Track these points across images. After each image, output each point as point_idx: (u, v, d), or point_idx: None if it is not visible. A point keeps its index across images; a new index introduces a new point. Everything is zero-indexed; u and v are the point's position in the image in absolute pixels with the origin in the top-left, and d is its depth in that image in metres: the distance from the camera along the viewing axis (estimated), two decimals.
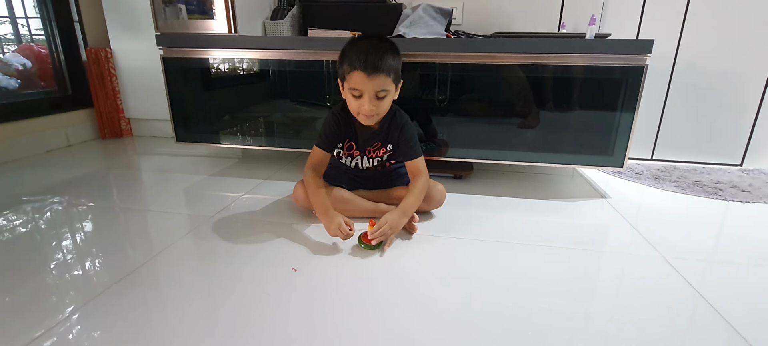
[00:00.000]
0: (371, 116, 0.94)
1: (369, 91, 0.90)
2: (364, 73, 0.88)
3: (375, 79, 0.89)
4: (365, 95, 0.91)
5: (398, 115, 1.03)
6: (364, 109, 0.92)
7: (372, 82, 0.89)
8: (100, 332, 0.64)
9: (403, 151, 1.05)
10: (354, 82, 0.90)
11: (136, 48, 1.86)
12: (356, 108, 0.94)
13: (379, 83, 0.89)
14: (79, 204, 1.16)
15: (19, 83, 1.73)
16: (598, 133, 1.20)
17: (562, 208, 1.18)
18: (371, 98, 0.91)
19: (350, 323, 0.66)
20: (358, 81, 0.89)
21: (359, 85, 0.90)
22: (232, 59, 1.36)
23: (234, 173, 1.46)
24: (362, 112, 0.93)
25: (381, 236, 0.87)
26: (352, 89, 0.92)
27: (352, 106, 0.96)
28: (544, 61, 1.16)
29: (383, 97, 0.93)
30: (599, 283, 0.81)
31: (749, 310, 0.72)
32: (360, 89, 0.90)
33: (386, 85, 0.91)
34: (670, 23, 1.52)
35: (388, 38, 0.96)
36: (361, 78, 0.88)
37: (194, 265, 0.85)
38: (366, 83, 0.89)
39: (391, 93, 0.95)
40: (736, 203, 1.24)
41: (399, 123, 1.03)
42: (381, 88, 0.90)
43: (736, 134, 1.59)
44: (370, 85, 0.89)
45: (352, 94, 0.93)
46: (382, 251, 0.89)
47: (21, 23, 1.81)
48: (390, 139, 1.06)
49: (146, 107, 1.97)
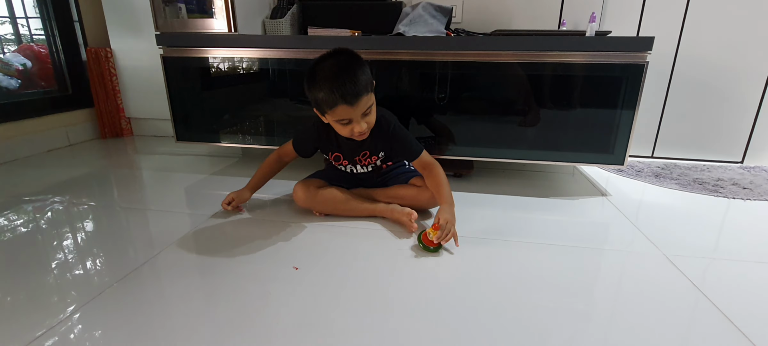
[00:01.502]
0: (365, 132, 0.93)
1: (356, 116, 0.88)
2: (348, 105, 0.85)
3: (358, 105, 0.87)
4: (353, 120, 0.89)
5: (384, 124, 0.99)
6: (358, 130, 0.90)
7: (356, 108, 0.87)
8: (102, 332, 0.64)
9: (403, 154, 1.05)
10: (339, 115, 0.88)
11: (136, 47, 1.86)
12: (348, 133, 0.92)
13: (362, 105, 0.88)
14: (80, 203, 1.16)
15: (19, 83, 1.73)
16: (598, 131, 1.20)
17: (562, 206, 1.18)
18: (359, 120, 0.89)
19: (350, 321, 0.66)
20: (343, 113, 0.87)
21: (345, 115, 0.88)
22: (231, 58, 1.36)
23: (234, 172, 1.46)
24: (356, 134, 0.92)
25: (446, 235, 0.86)
26: (339, 121, 0.90)
27: (344, 132, 0.94)
28: (545, 59, 1.16)
29: (369, 113, 0.91)
30: (600, 280, 0.81)
31: (750, 307, 0.72)
32: (347, 118, 0.89)
33: (369, 102, 0.89)
34: (671, 20, 1.52)
35: (348, 50, 0.91)
36: (346, 109, 0.86)
37: (195, 264, 0.85)
38: (351, 112, 0.87)
39: (374, 105, 0.93)
40: (736, 201, 1.24)
41: (387, 131, 1.00)
42: (366, 106, 0.89)
43: (736, 132, 1.59)
44: (356, 112, 0.87)
45: (340, 123, 0.91)
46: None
47: (21, 23, 1.81)
48: (379, 147, 1.04)
49: (146, 107, 1.97)
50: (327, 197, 1.05)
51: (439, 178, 1.00)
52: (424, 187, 1.04)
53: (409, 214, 0.98)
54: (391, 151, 1.05)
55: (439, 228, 0.87)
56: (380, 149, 1.05)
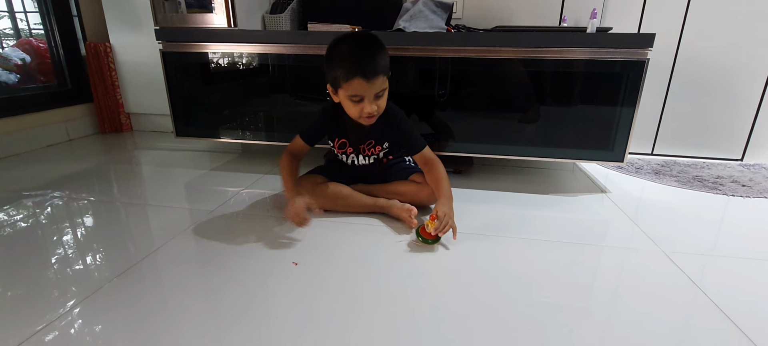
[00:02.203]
0: (374, 116, 0.95)
1: (369, 94, 0.91)
2: (365, 79, 0.88)
3: (374, 83, 0.89)
4: (366, 99, 0.91)
5: (391, 114, 1.02)
6: (367, 111, 0.92)
7: (372, 85, 0.89)
8: (102, 326, 0.64)
9: (406, 147, 1.06)
10: (354, 89, 0.90)
11: (136, 42, 1.85)
12: (357, 113, 0.94)
13: (378, 85, 0.90)
14: (79, 199, 1.16)
15: (18, 78, 1.73)
16: (598, 128, 1.19)
17: (562, 202, 1.18)
18: (372, 101, 0.92)
19: (350, 317, 0.66)
20: (358, 87, 0.89)
21: (360, 90, 0.90)
22: (231, 53, 1.35)
23: (234, 168, 1.46)
24: (365, 115, 0.93)
25: (444, 227, 0.87)
26: (352, 96, 0.92)
27: (353, 112, 0.95)
28: (545, 56, 1.15)
29: (382, 96, 0.94)
30: (599, 277, 0.81)
31: (749, 305, 0.72)
32: (361, 94, 0.91)
33: (384, 85, 0.93)
34: (672, 17, 1.51)
35: (372, 34, 0.96)
36: (361, 84, 0.89)
37: (195, 259, 0.85)
38: (366, 88, 0.89)
39: (386, 89, 0.95)
40: (736, 198, 1.24)
41: (394, 122, 1.02)
42: (380, 88, 0.92)
43: (736, 129, 1.59)
44: (371, 89, 0.90)
45: (351, 101, 0.93)
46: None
47: (20, 18, 1.80)
48: (384, 137, 1.06)
49: (146, 102, 1.96)
50: (327, 193, 1.05)
51: (439, 174, 1.00)
52: (424, 183, 1.04)
53: (408, 210, 0.99)
54: (395, 142, 1.06)
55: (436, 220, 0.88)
56: (385, 139, 1.06)
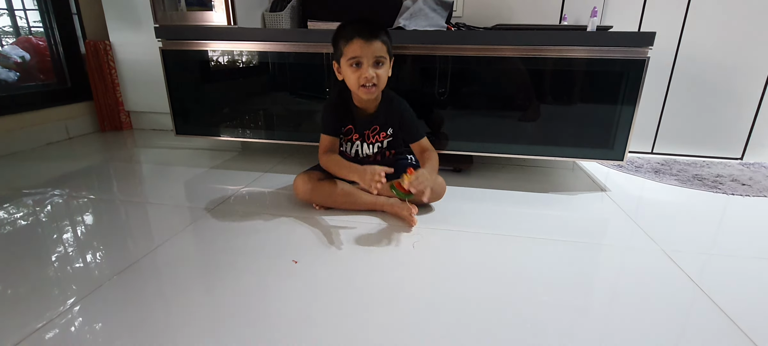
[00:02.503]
0: (371, 88, 0.96)
1: (368, 56, 0.94)
2: (362, 39, 0.92)
3: (373, 45, 0.93)
4: (365, 62, 0.94)
5: (396, 101, 1.07)
6: (366, 75, 0.94)
7: (370, 47, 0.93)
8: (102, 324, 0.64)
9: (407, 133, 1.08)
10: (353, 51, 0.93)
11: (135, 40, 1.85)
12: (356, 80, 0.96)
13: (377, 48, 0.94)
14: (79, 197, 1.16)
15: (18, 76, 1.73)
16: (598, 127, 1.19)
17: (561, 201, 1.18)
18: (371, 64, 0.94)
19: (350, 315, 0.67)
20: (357, 48, 0.93)
21: (358, 51, 0.93)
22: (231, 52, 1.35)
23: (234, 166, 1.46)
24: (363, 80, 0.95)
25: (419, 184, 0.89)
26: (351, 59, 0.94)
27: (352, 80, 0.97)
28: (545, 54, 1.15)
29: (381, 65, 0.97)
30: (598, 276, 0.81)
31: (748, 303, 0.72)
32: (359, 56, 0.94)
33: (383, 52, 0.96)
34: (673, 16, 1.51)
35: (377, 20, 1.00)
36: (360, 45, 0.93)
37: (194, 257, 0.85)
38: (365, 48, 0.93)
39: (387, 63, 0.98)
40: (736, 197, 1.24)
41: (398, 108, 1.06)
42: (379, 54, 0.95)
43: (736, 128, 1.59)
44: (369, 51, 0.93)
45: (351, 66, 0.95)
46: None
47: (19, 15, 1.80)
48: (389, 123, 1.08)
49: (146, 100, 1.96)
50: (327, 190, 1.05)
51: (433, 160, 1.05)
52: None
53: (409, 208, 0.99)
54: (399, 128, 1.09)
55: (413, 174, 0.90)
56: (389, 125, 1.09)
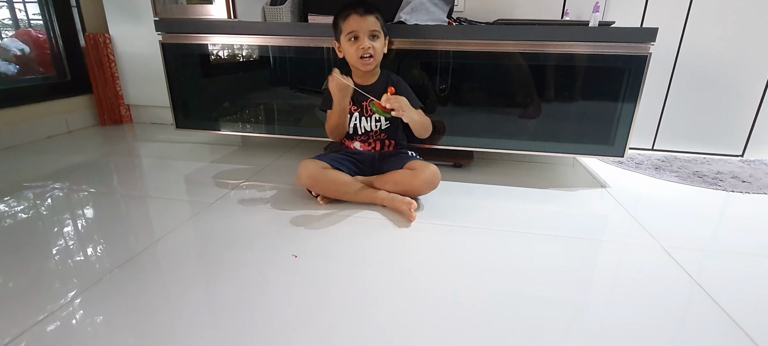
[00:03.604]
0: (368, 59, 1.06)
1: (364, 29, 1.04)
2: (358, 15, 1.04)
3: (367, 19, 1.04)
4: (361, 35, 1.05)
5: (394, 77, 1.16)
6: (363, 46, 1.04)
7: (365, 20, 1.04)
8: (102, 317, 0.64)
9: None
10: (350, 26, 1.04)
11: (135, 33, 1.84)
12: (354, 53, 1.06)
13: (371, 23, 1.04)
14: (79, 190, 1.17)
15: (17, 69, 1.72)
16: (599, 123, 1.19)
17: (561, 197, 1.18)
18: (367, 36, 1.05)
19: (349, 309, 0.67)
20: (353, 23, 1.04)
21: (354, 25, 1.04)
22: (231, 45, 1.34)
23: (234, 160, 1.46)
24: (361, 51, 1.05)
25: (395, 102, 1.01)
26: (349, 34, 1.05)
27: (352, 53, 1.07)
28: (547, 49, 1.15)
29: (376, 38, 1.07)
30: (597, 272, 0.82)
31: (747, 300, 0.72)
32: (356, 30, 1.04)
33: (377, 27, 1.06)
34: (675, 12, 1.50)
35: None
36: (356, 19, 1.04)
37: (195, 251, 0.85)
38: (360, 22, 1.04)
39: (381, 37, 1.08)
40: (736, 194, 1.24)
41: (395, 81, 1.14)
42: (373, 28, 1.05)
43: (737, 125, 1.58)
44: (364, 24, 1.04)
45: (349, 40, 1.06)
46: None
47: (18, 8, 1.79)
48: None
49: (146, 94, 1.96)
50: (330, 178, 1.05)
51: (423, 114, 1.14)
52: (418, 170, 1.04)
53: (409, 203, 0.99)
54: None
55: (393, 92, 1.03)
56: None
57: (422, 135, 1.17)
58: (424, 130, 1.16)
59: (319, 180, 1.05)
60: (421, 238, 0.91)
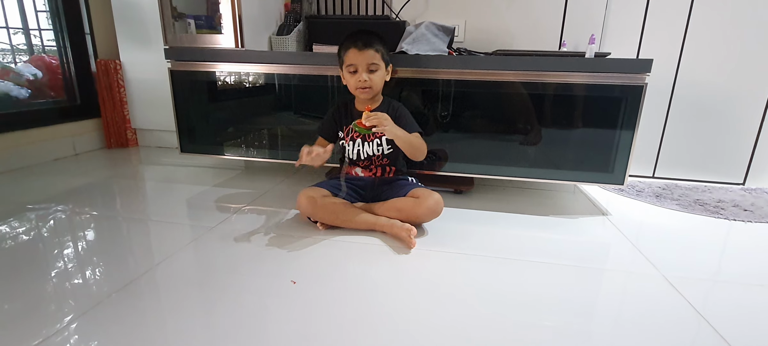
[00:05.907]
0: (366, 88, 1.09)
1: (362, 63, 1.07)
2: (356, 49, 1.07)
3: (366, 53, 1.07)
4: (359, 68, 1.08)
5: (394, 104, 1.18)
6: (360, 79, 1.08)
7: (363, 54, 1.07)
8: (98, 342, 0.64)
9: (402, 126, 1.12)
10: (349, 59, 1.08)
11: (145, 60, 1.90)
12: (354, 83, 1.10)
13: (369, 56, 1.07)
14: (82, 213, 1.17)
15: (29, 93, 1.77)
16: (598, 151, 1.20)
17: (562, 224, 1.18)
18: (365, 69, 1.08)
19: (348, 337, 0.66)
20: (352, 57, 1.07)
21: (353, 59, 1.07)
22: (237, 73, 1.38)
23: (236, 184, 1.47)
24: (359, 84, 1.09)
25: (375, 119, 1.02)
26: (348, 66, 1.09)
27: (351, 83, 1.11)
28: (545, 79, 1.18)
29: (375, 71, 1.09)
30: (599, 301, 0.80)
31: (751, 331, 0.71)
32: (355, 63, 1.08)
33: (376, 59, 1.08)
34: (670, 43, 1.54)
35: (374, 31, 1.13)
36: (355, 53, 1.07)
37: (194, 275, 0.85)
38: (358, 57, 1.07)
39: (381, 69, 1.10)
40: (738, 223, 1.23)
41: (396, 108, 1.16)
42: (371, 61, 1.08)
43: (738, 153, 1.59)
44: (362, 58, 1.07)
45: (349, 72, 1.10)
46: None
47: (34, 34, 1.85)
48: None
49: (152, 118, 2.00)
50: (330, 207, 1.06)
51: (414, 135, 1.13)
52: (421, 199, 1.05)
53: (408, 230, 0.99)
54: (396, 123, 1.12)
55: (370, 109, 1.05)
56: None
57: (415, 156, 1.14)
58: (414, 149, 1.12)
59: (319, 208, 1.06)
60: (420, 265, 0.91)
